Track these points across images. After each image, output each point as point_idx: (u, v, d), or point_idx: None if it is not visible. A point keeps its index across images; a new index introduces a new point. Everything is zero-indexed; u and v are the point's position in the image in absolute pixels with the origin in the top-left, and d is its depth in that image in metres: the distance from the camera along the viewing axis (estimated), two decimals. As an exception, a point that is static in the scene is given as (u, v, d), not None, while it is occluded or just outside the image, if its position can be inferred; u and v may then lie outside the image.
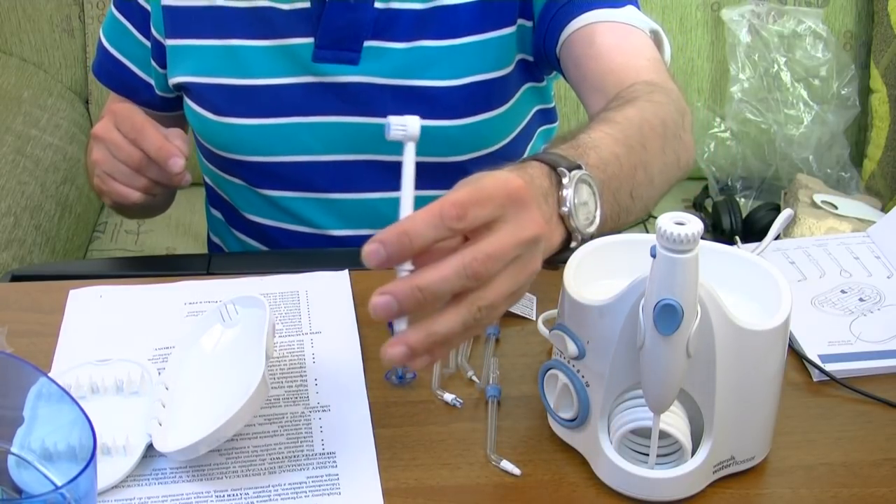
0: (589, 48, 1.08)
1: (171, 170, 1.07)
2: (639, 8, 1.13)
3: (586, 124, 0.90)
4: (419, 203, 0.94)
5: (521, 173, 0.76)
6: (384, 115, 1.17)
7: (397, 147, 0.80)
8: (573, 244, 0.79)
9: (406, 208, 0.74)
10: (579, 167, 0.79)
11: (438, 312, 0.69)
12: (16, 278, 1.07)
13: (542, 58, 1.16)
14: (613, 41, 1.07)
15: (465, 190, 0.70)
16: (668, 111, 0.96)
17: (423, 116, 1.16)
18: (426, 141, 1.18)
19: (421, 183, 1.18)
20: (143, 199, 1.12)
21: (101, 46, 1.27)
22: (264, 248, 1.28)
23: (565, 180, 0.77)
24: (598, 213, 0.81)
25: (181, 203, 1.44)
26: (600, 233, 0.81)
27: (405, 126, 0.75)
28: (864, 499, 0.79)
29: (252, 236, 1.28)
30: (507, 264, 0.70)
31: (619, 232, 0.85)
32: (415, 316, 0.70)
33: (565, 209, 0.77)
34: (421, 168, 1.18)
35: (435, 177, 1.19)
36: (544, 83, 1.26)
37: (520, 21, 1.16)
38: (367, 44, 1.15)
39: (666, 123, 0.94)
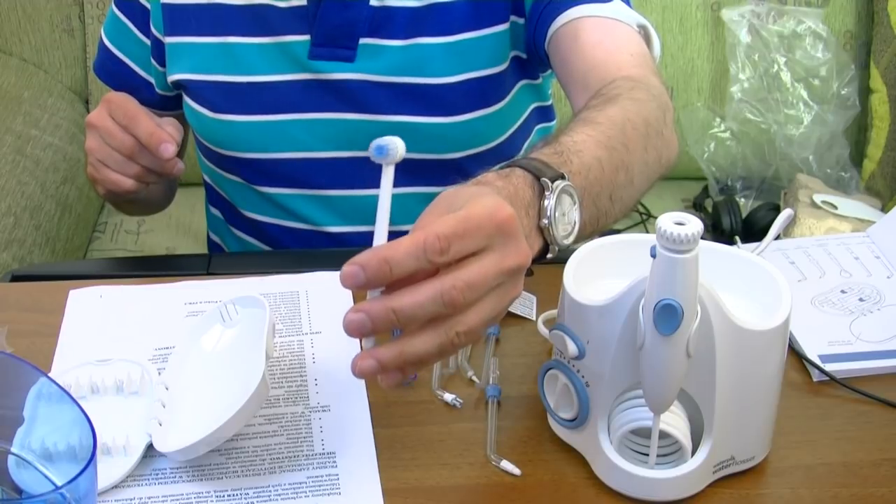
0: (573, 44, 1.08)
1: (162, 155, 1.08)
2: (628, 3, 1.12)
3: (568, 125, 0.90)
4: (416, 199, 0.94)
5: (506, 184, 0.76)
6: (380, 113, 1.18)
7: None
8: (549, 255, 0.80)
9: (381, 231, 0.73)
10: (562, 176, 0.79)
11: (414, 333, 0.69)
12: (16, 278, 1.07)
13: (534, 55, 1.16)
14: (597, 37, 1.07)
15: (451, 220, 0.68)
16: (650, 108, 0.95)
17: (420, 113, 1.18)
18: (423, 138, 1.19)
19: (418, 180, 1.19)
20: (136, 187, 1.13)
21: (102, 45, 1.27)
22: (263, 245, 1.28)
23: (547, 192, 0.78)
24: (577, 222, 0.81)
25: (181, 203, 1.44)
26: (578, 240, 0.82)
27: (394, 148, 0.72)
28: (864, 499, 0.79)
29: (251, 234, 1.28)
30: (487, 292, 0.69)
31: (600, 234, 0.85)
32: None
33: (545, 221, 0.78)
34: (418, 165, 1.19)
35: (432, 174, 1.19)
36: (540, 80, 1.26)
37: (512, 18, 1.16)
38: (362, 41, 1.15)
39: (648, 122, 0.93)
